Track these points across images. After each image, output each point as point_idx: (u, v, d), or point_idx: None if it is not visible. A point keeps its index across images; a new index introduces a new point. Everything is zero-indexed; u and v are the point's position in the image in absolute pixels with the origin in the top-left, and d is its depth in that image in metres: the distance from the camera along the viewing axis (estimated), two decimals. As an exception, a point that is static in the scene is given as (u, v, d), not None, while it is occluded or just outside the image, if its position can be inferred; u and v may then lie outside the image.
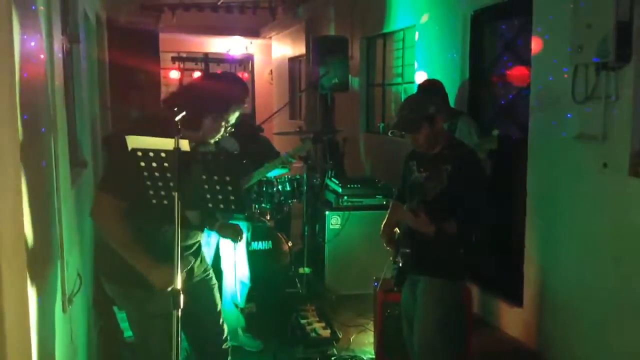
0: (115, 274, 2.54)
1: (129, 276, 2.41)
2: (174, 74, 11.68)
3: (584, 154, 3.61)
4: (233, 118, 2.60)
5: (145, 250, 2.38)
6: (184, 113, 2.18)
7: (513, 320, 4.40)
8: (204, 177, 2.16)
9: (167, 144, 2.09)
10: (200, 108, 2.48)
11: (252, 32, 12.74)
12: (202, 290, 2.78)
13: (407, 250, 3.06)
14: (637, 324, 3.26)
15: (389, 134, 3.17)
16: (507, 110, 4.80)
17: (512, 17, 4.65)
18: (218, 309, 2.85)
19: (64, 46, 3.58)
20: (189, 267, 2.61)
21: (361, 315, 4.69)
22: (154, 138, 2.11)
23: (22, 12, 1.97)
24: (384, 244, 3.25)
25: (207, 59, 12.62)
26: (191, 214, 2.61)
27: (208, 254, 3.89)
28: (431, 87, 4.43)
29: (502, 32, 4.85)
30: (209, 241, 3.92)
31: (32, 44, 2.12)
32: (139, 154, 2.11)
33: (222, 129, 2.58)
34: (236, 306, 4.19)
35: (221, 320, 2.85)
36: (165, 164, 2.12)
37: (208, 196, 2.20)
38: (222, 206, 2.24)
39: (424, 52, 5.81)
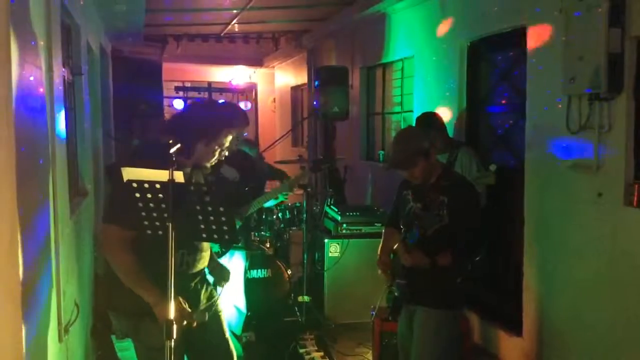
0: (122, 306, 2.55)
1: (136, 308, 2.42)
2: (178, 103, 11.79)
3: (579, 183, 3.63)
4: (227, 142, 2.63)
5: (152, 281, 2.39)
6: (178, 145, 2.22)
7: (512, 350, 4.37)
8: (198, 207, 2.19)
9: (162, 175, 2.13)
10: (192, 134, 2.52)
11: (256, 61, 12.89)
12: (210, 318, 2.76)
13: (403, 282, 3.06)
14: (635, 354, 3.24)
15: (385, 169, 3.19)
16: (504, 140, 4.83)
17: (507, 48, 4.71)
18: (226, 336, 2.84)
19: (66, 78, 3.65)
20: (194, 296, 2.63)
21: (361, 344, 4.67)
22: (149, 170, 2.15)
23: (22, 47, 2.03)
24: (380, 272, 3.25)
25: (210, 88, 12.73)
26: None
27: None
28: (427, 120, 4.46)
29: (498, 62, 4.91)
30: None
31: (31, 78, 2.17)
32: (134, 185, 2.15)
33: (217, 154, 2.61)
34: (233, 334, 4.19)
35: (230, 347, 2.84)
36: (160, 195, 2.15)
37: (202, 226, 2.24)
38: (216, 236, 2.28)
39: (422, 81, 5.88)
